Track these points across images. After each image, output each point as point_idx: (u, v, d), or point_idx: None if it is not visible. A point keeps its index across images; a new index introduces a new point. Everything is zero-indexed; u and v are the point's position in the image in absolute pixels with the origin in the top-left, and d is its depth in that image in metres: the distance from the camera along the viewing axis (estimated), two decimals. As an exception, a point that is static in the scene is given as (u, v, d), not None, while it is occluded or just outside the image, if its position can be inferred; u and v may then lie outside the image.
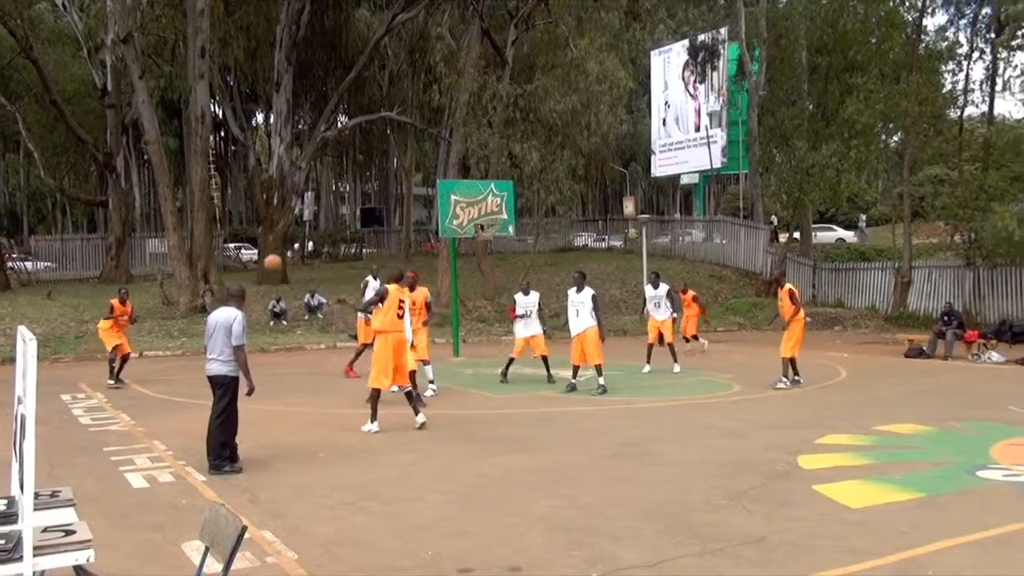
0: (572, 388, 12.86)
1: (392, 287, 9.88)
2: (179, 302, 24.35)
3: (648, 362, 15.56)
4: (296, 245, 43.58)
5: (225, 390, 7.92)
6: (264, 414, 11.23)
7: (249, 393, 7.92)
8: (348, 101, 38.46)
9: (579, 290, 12.67)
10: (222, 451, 7.82)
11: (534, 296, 13.99)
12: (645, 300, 16.22)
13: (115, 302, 14.52)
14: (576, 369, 13.01)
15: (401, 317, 9.80)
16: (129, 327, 15.36)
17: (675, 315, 15.96)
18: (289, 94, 30.58)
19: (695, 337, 18.32)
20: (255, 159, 36.34)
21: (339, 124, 38.11)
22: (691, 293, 18.64)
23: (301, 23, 29.92)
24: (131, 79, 26.51)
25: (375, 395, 9.72)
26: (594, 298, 12.61)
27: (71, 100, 33.14)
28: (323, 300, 24.98)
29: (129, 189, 38.11)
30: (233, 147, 49.87)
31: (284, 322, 23.71)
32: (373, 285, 14.18)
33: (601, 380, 12.59)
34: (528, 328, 13.84)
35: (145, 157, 40.61)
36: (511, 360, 14.18)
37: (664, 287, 15.67)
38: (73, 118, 31.76)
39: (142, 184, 45.14)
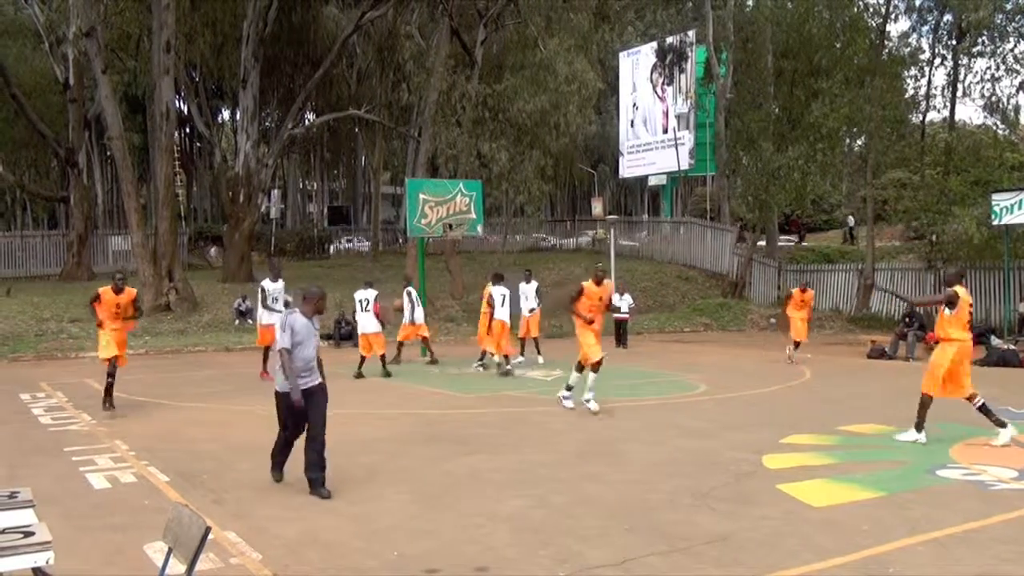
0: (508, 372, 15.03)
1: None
2: (143, 300, 23.99)
3: (522, 354, 16.95)
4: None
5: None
6: (229, 414, 11.15)
7: (295, 404, 6.85)
8: (316, 98, 38.19)
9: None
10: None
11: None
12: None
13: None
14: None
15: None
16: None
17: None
18: (256, 91, 30.28)
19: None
20: (221, 156, 35.96)
21: (307, 121, 37.86)
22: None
23: (268, 19, 29.65)
24: (94, 73, 26.10)
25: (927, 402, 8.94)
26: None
27: (32, 94, 32.54)
28: (289, 299, 24.72)
29: (91, 185, 37.47)
30: (198, 144, 49.26)
31: (250, 321, 23.46)
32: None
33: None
34: (417, 316, 16.48)
35: (108, 153, 39.98)
36: (401, 344, 16.73)
37: (535, 283, 17.23)
38: (34, 112, 31.19)
39: (105, 180, 44.39)
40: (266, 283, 14.50)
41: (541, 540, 5.65)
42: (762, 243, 32.49)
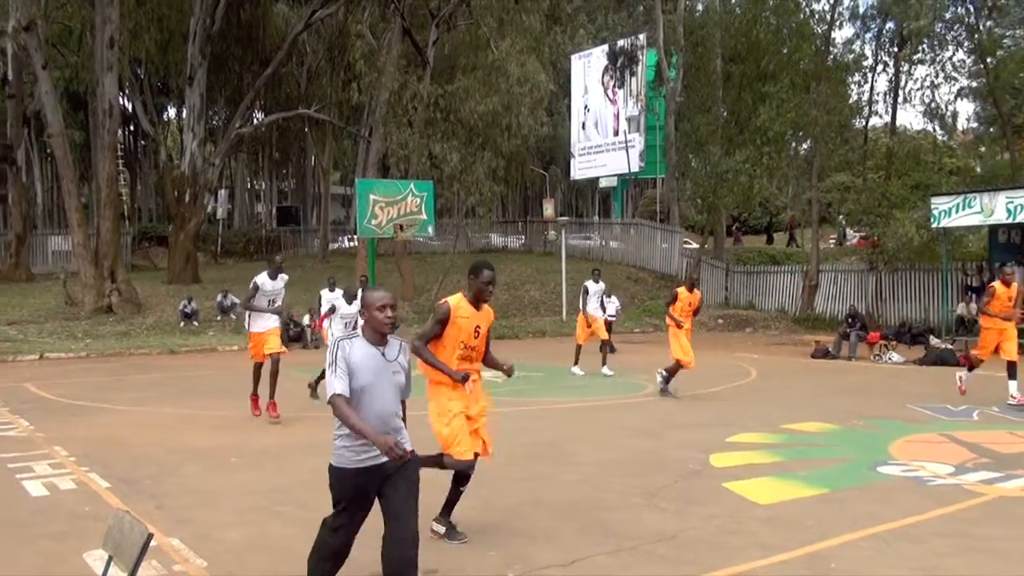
0: None
1: None
2: (84, 302, 23.46)
3: (576, 363, 15.63)
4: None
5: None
6: (173, 417, 10.95)
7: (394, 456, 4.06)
8: (265, 97, 37.71)
9: None
10: None
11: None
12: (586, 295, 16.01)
13: None
14: None
15: None
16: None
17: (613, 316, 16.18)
18: (203, 88, 29.79)
19: None
20: (166, 155, 35.33)
21: (255, 120, 37.32)
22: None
23: (216, 16, 29.19)
24: (34, 69, 25.46)
25: None
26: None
27: (-32, 89, 31.60)
28: (236, 300, 24.38)
29: (31, 184, 36.46)
30: (143, 142, 48.22)
31: (195, 323, 23.11)
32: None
33: None
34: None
35: (48, 150, 38.90)
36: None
37: (603, 284, 16.08)
38: (-30, 108, 30.32)
39: (44, 179, 43.23)
40: (262, 278, 10.69)
41: (490, 542, 5.65)
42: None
